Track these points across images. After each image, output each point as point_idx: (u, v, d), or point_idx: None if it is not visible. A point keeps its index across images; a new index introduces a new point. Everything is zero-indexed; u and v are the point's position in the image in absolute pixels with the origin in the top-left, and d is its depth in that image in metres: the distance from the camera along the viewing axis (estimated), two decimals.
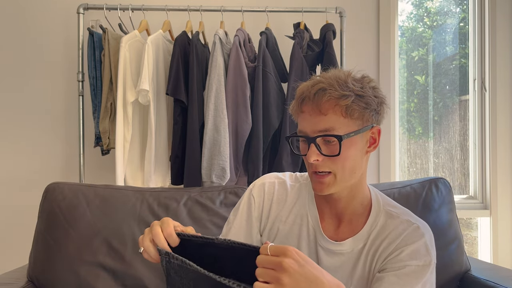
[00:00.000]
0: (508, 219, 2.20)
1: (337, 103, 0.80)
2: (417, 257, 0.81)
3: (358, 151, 0.84)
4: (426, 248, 0.83)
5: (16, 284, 1.23)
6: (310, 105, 0.82)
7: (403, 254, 0.82)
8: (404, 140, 2.39)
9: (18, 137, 2.08)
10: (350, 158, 0.82)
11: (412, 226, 0.85)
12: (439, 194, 1.37)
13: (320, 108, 0.81)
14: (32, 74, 2.08)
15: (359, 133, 0.83)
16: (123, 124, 1.70)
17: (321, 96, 0.80)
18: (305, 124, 0.84)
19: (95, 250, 1.26)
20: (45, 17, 2.08)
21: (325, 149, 0.82)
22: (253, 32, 1.88)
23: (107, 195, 1.34)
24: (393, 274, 0.80)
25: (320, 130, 0.81)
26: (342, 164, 0.82)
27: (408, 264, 0.81)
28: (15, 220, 2.06)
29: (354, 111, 0.80)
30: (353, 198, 0.90)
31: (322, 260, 0.90)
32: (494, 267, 1.43)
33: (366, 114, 0.82)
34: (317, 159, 0.82)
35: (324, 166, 0.83)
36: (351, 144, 0.82)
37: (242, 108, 1.73)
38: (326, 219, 0.93)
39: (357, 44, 2.15)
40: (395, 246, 0.83)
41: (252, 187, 1.01)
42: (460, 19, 2.39)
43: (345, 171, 0.83)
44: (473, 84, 2.30)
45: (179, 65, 1.72)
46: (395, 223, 0.87)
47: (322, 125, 0.81)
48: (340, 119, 0.81)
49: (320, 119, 0.81)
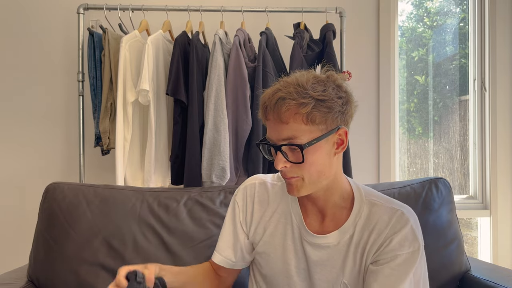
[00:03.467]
0: (508, 219, 2.20)
1: (297, 112, 0.79)
2: (406, 244, 0.83)
3: (325, 155, 0.84)
4: (413, 233, 0.85)
5: (16, 284, 1.23)
6: (271, 114, 0.82)
7: (392, 243, 0.83)
8: (404, 140, 2.39)
9: (18, 137, 2.08)
10: (316, 163, 0.83)
11: (397, 213, 0.87)
12: (439, 194, 1.37)
13: (281, 118, 0.81)
14: (32, 74, 2.08)
15: (323, 138, 0.82)
16: (123, 124, 1.70)
17: (280, 105, 0.80)
18: (271, 131, 0.85)
19: (95, 250, 1.26)
20: (45, 17, 2.08)
21: (291, 156, 0.83)
22: (253, 32, 1.88)
23: (107, 195, 1.34)
24: (386, 266, 0.82)
25: (283, 138, 0.82)
26: (309, 170, 0.83)
27: (398, 254, 0.82)
28: (15, 220, 2.06)
29: (315, 117, 0.79)
30: (332, 194, 0.91)
31: (310, 255, 0.92)
32: (494, 267, 1.43)
33: (330, 118, 0.81)
34: (285, 166, 0.83)
35: (291, 172, 0.84)
36: (315, 150, 0.82)
37: (242, 108, 1.73)
38: (310, 215, 0.95)
39: (357, 44, 2.15)
40: (384, 237, 0.85)
41: (236, 193, 1.06)
42: (460, 19, 2.39)
43: (312, 176, 0.84)
44: (473, 84, 2.30)
45: (179, 65, 1.72)
46: (379, 212, 0.88)
47: (285, 134, 0.81)
48: (302, 127, 0.80)
49: (282, 128, 0.81)
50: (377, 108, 2.17)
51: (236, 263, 1.04)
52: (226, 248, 1.03)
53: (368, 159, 2.18)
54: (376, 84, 2.18)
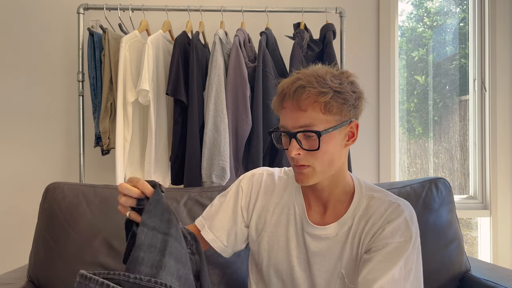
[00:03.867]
0: (508, 219, 2.20)
1: (316, 100, 0.83)
2: (398, 234, 0.84)
3: (337, 145, 0.88)
4: (406, 224, 0.86)
5: (16, 284, 1.23)
6: (290, 102, 0.85)
7: (384, 232, 0.85)
8: (404, 140, 2.39)
9: (18, 137, 2.08)
10: (329, 152, 0.86)
11: (393, 205, 0.89)
12: (439, 194, 1.37)
13: (299, 105, 0.84)
14: (32, 74, 2.08)
15: (338, 128, 0.86)
16: (123, 124, 1.70)
17: (300, 93, 0.83)
18: (286, 119, 0.87)
19: (95, 250, 1.26)
20: (45, 17, 2.08)
21: (305, 143, 0.86)
22: (253, 32, 1.88)
23: (107, 195, 1.34)
24: (377, 253, 0.84)
25: (300, 125, 0.85)
26: (321, 158, 0.86)
27: (389, 242, 0.84)
28: (15, 220, 2.06)
29: (333, 107, 0.84)
30: (336, 186, 0.94)
31: (310, 246, 0.94)
32: (494, 267, 1.43)
33: (345, 110, 0.86)
34: (298, 153, 0.86)
35: (304, 160, 0.87)
36: (330, 139, 0.86)
37: (242, 108, 1.73)
38: (313, 207, 0.97)
39: (357, 44, 2.15)
40: (378, 226, 0.87)
41: (241, 178, 1.06)
42: (460, 19, 2.39)
43: (324, 164, 0.87)
44: (473, 84, 2.30)
45: (179, 65, 1.72)
46: (377, 204, 0.91)
47: (302, 121, 0.84)
48: (319, 115, 0.84)
49: (300, 115, 0.84)
50: (377, 108, 2.17)
51: (226, 249, 1.02)
52: (221, 229, 1.01)
53: (368, 159, 2.18)
54: (376, 84, 2.18)
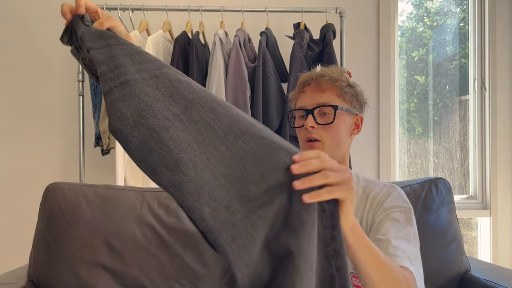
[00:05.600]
0: (508, 219, 2.20)
1: (334, 84, 0.99)
2: (398, 205, 0.94)
3: (346, 128, 1.00)
4: (403, 198, 0.97)
5: (16, 284, 1.23)
6: (312, 85, 1.01)
7: (384, 204, 0.94)
8: (404, 140, 2.39)
9: (18, 137, 2.08)
10: (339, 130, 0.99)
11: (387, 185, 1.01)
12: (439, 194, 1.37)
13: (321, 86, 1.00)
14: (32, 74, 2.08)
15: (349, 112, 1.00)
16: None
17: (322, 78, 1.00)
18: (305, 100, 1.01)
19: (95, 250, 1.26)
20: (45, 17, 2.08)
21: (320, 119, 0.99)
22: (253, 32, 1.88)
23: (107, 195, 1.34)
24: (385, 220, 0.91)
25: (318, 103, 0.99)
26: (332, 134, 0.98)
27: (391, 212, 0.93)
28: (15, 220, 2.06)
29: (346, 94, 1.00)
30: None
31: None
32: (494, 267, 1.43)
33: (354, 102, 1.01)
34: (312, 126, 0.97)
35: (316, 133, 0.98)
36: (342, 119, 0.99)
37: (242, 108, 1.73)
38: None
39: (357, 44, 2.15)
40: (376, 203, 0.96)
41: None
42: (460, 19, 2.39)
43: (333, 141, 0.98)
44: (473, 84, 2.30)
45: (179, 65, 1.72)
46: (373, 187, 1.01)
47: (321, 99, 0.99)
48: (335, 98, 0.99)
49: (319, 95, 1.00)
50: (377, 108, 2.17)
51: None
52: None
53: (368, 159, 2.18)
54: (376, 84, 2.18)
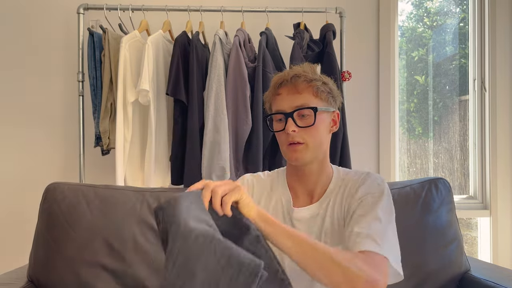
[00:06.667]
0: (508, 219, 2.20)
1: (309, 85, 0.99)
2: (370, 191, 0.96)
3: (325, 128, 1.01)
4: (377, 183, 0.98)
5: (16, 284, 1.23)
6: (287, 87, 1.00)
7: (358, 193, 0.97)
8: (404, 140, 2.39)
9: (18, 137, 2.08)
10: (320, 131, 0.99)
11: (364, 173, 1.02)
12: (438, 194, 1.37)
13: (297, 88, 0.98)
14: (32, 74, 2.08)
15: (327, 111, 1.01)
16: (123, 124, 1.70)
17: (297, 78, 0.99)
18: (282, 103, 1.00)
19: (95, 250, 1.26)
20: (45, 17, 2.08)
21: (300, 122, 0.98)
22: (253, 32, 1.88)
23: (107, 195, 1.34)
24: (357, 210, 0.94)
25: (297, 105, 0.98)
26: (314, 136, 0.98)
27: (364, 199, 0.95)
28: (15, 220, 2.06)
29: (322, 93, 1.00)
30: (322, 172, 1.04)
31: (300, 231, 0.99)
32: (494, 267, 1.43)
33: (330, 99, 1.02)
34: (294, 130, 0.97)
35: (298, 137, 0.98)
36: (322, 119, 1.00)
37: (242, 108, 1.73)
38: (300, 196, 1.05)
39: (357, 44, 2.15)
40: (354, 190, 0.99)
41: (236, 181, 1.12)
42: (460, 19, 2.39)
43: (316, 142, 0.99)
44: (473, 84, 2.30)
45: (179, 65, 1.72)
46: (350, 176, 1.04)
47: (298, 102, 0.98)
48: (312, 98, 0.99)
49: (296, 97, 0.98)
50: (377, 108, 2.17)
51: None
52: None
53: (368, 159, 2.18)
54: (376, 84, 2.18)
